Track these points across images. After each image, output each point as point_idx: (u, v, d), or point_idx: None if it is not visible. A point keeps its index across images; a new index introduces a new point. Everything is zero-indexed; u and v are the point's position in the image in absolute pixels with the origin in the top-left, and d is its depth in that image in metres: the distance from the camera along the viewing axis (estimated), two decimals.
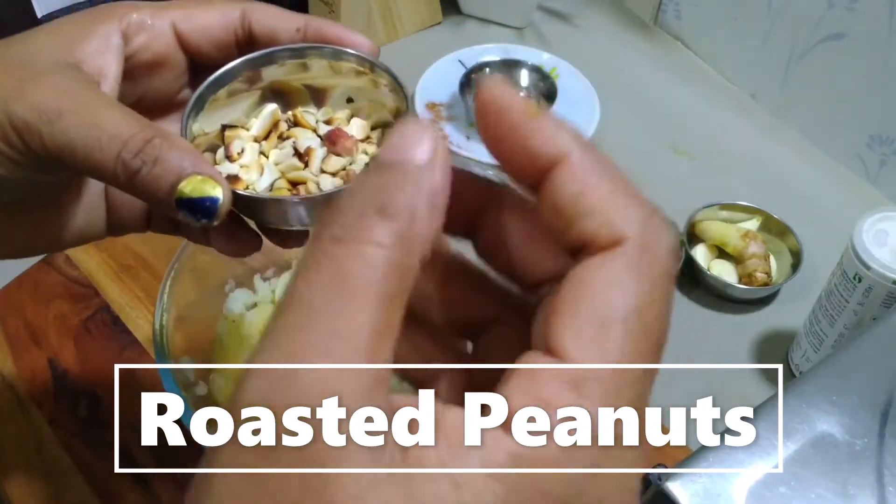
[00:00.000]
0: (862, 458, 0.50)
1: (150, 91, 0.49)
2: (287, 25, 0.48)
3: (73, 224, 0.50)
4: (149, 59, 0.47)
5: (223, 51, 0.48)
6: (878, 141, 1.05)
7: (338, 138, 0.50)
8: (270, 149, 0.50)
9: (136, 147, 0.39)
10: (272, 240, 0.48)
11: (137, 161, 0.40)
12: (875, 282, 0.74)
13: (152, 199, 0.41)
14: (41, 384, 0.85)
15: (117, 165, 0.40)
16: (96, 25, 0.45)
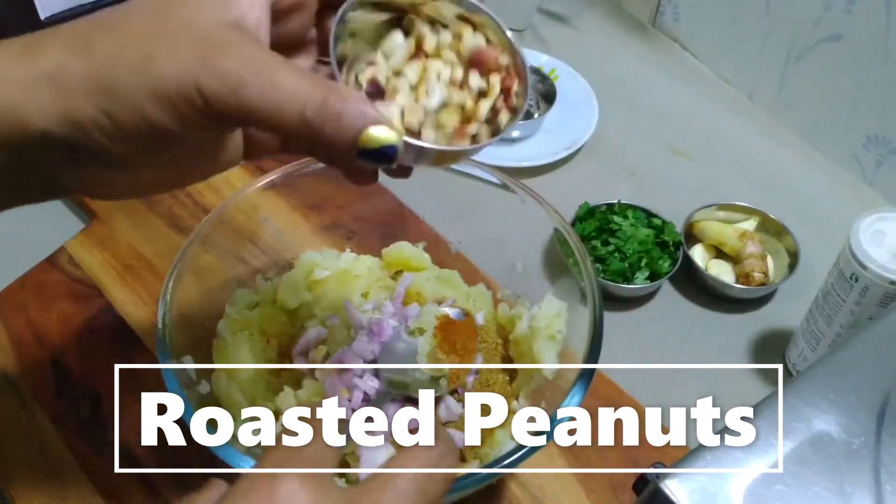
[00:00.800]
0: (859, 457, 0.50)
1: (285, 33, 0.51)
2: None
3: (220, 158, 0.52)
4: (290, 3, 0.50)
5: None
6: (875, 142, 1.05)
7: (484, 58, 0.53)
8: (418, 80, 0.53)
9: (316, 105, 0.43)
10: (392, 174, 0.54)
11: (319, 119, 0.43)
12: (872, 282, 0.74)
13: (332, 150, 0.45)
14: (44, 383, 0.85)
15: (300, 125, 0.43)
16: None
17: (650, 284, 0.94)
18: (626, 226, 0.96)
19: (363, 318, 0.79)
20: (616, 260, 0.94)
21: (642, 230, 0.97)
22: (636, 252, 0.95)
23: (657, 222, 0.99)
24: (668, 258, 0.95)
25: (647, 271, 0.94)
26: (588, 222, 0.97)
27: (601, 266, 0.94)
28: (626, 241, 0.95)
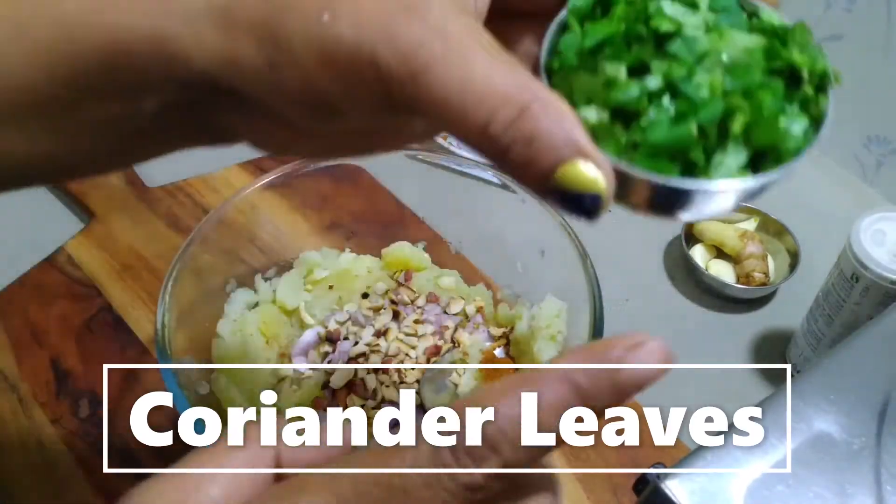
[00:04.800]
0: (860, 458, 0.50)
1: (510, 2, 0.41)
2: None
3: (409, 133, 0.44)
4: None
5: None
6: (876, 141, 1.05)
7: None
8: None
9: (508, 118, 0.32)
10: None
11: (507, 137, 0.33)
12: (872, 282, 0.74)
13: (519, 178, 0.35)
14: (43, 384, 0.85)
15: (483, 137, 0.33)
16: None
17: (756, 179, 0.36)
18: (694, 23, 0.38)
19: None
20: (664, 114, 0.36)
21: (736, 36, 0.38)
22: (722, 93, 0.36)
23: (770, 22, 0.39)
24: (803, 114, 0.38)
25: (746, 147, 0.36)
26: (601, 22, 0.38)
27: (625, 133, 0.36)
28: (697, 61, 0.37)
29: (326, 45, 0.34)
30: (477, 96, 0.32)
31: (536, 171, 0.33)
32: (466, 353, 0.77)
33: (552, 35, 0.39)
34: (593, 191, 0.33)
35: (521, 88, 0.32)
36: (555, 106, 0.33)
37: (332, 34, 0.33)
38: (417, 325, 0.81)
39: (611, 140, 0.36)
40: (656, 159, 0.35)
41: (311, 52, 0.34)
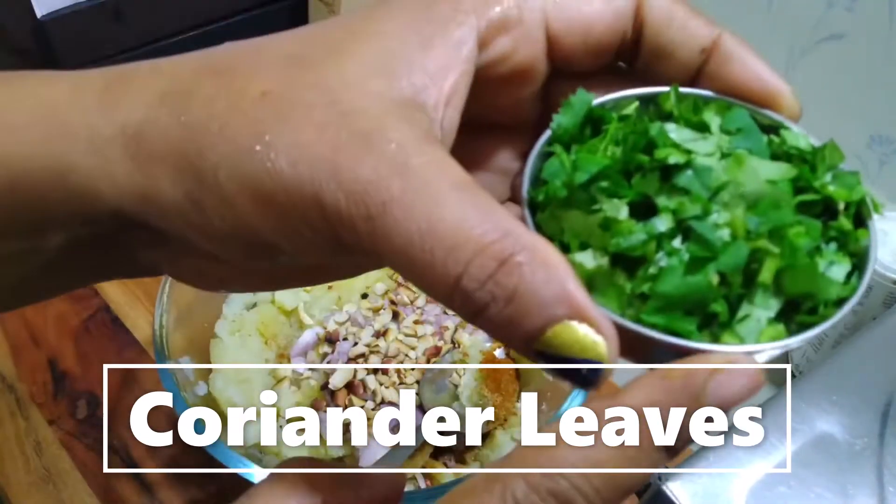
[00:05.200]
0: (862, 458, 0.50)
1: (485, 114, 0.36)
2: (692, 39, 0.34)
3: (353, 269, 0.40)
4: (504, 73, 0.33)
5: (596, 59, 0.34)
6: (878, 141, 1.05)
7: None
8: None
9: (486, 271, 0.27)
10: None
11: (484, 295, 0.27)
12: (875, 282, 0.74)
13: (500, 340, 0.31)
14: (41, 384, 0.85)
15: (454, 294, 0.27)
16: (445, 26, 0.31)
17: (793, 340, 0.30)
18: (707, 149, 0.32)
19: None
20: (677, 261, 0.30)
21: (756, 164, 0.32)
22: (746, 234, 0.30)
23: (796, 143, 0.34)
24: (842, 253, 0.32)
25: (777, 297, 0.30)
26: (591, 146, 0.33)
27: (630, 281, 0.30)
28: (712, 196, 0.31)
29: (260, 182, 0.28)
30: (446, 244, 0.27)
31: (521, 333, 0.27)
32: (466, 354, 0.77)
33: (535, 160, 0.33)
34: (591, 356, 0.27)
35: (500, 233, 0.27)
36: (542, 255, 0.27)
37: (266, 169, 0.28)
38: (417, 326, 0.81)
39: (612, 290, 0.30)
40: (669, 313, 0.29)
41: (241, 188, 0.29)
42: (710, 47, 0.33)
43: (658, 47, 0.34)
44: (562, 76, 0.35)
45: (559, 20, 0.33)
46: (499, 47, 0.32)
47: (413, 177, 0.27)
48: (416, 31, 0.30)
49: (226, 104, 0.29)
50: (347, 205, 0.27)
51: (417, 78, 0.30)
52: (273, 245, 0.30)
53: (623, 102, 0.34)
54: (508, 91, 0.34)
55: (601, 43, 0.34)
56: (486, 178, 0.37)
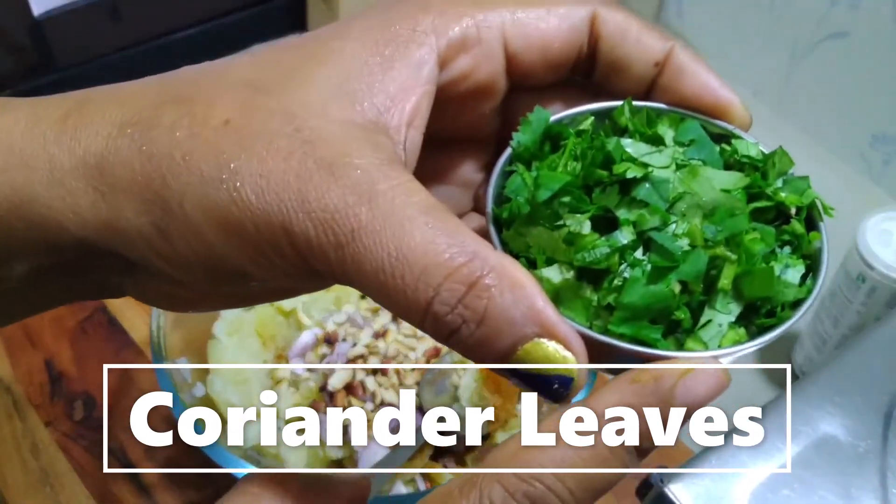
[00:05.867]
0: (865, 460, 0.49)
1: (448, 130, 0.36)
2: (645, 53, 0.35)
3: (318, 286, 0.40)
4: (465, 91, 0.34)
5: (555, 75, 0.35)
6: (882, 140, 1.04)
7: None
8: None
9: (455, 296, 0.27)
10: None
11: (455, 318, 0.27)
12: (879, 282, 0.73)
13: (472, 359, 0.29)
14: (38, 385, 0.85)
15: (426, 318, 0.28)
16: (405, 47, 0.31)
17: (753, 343, 0.32)
18: (663, 161, 0.34)
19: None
20: (640, 272, 0.31)
21: (710, 174, 0.33)
22: (704, 243, 0.32)
23: (747, 151, 0.35)
24: (796, 257, 0.34)
25: (737, 302, 0.32)
26: (551, 162, 0.34)
27: (596, 293, 0.32)
28: (672, 208, 0.33)
29: (227, 211, 0.29)
30: (416, 269, 0.27)
31: (493, 353, 0.28)
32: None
33: (498, 177, 0.34)
34: (562, 372, 0.28)
35: (467, 256, 0.27)
36: (510, 274, 0.28)
37: (233, 198, 0.28)
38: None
39: (579, 302, 0.31)
40: (635, 322, 0.30)
41: (207, 217, 0.29)
42: (662, 61, 0.35)
43: (613, 61, 0.35)
44: (520, 90, 0.35)
45: (517, 37, 0.33)
46: (459, 66, 0.33)
47: (380, 203, 0.28)
48: (376, 52, 0.31)
49: (188, 133, 0.29)
50: (317, 234, 0.28)
51: (379, 100, 0.30)
52: (241, 272, 0.30)
53: (579, 118, 0.35)
54: (469, 107, 0.35)
55: (558, 58, 0.34)
56: (448, 190, 0.38)
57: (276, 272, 0.30)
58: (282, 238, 0.28)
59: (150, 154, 0.29)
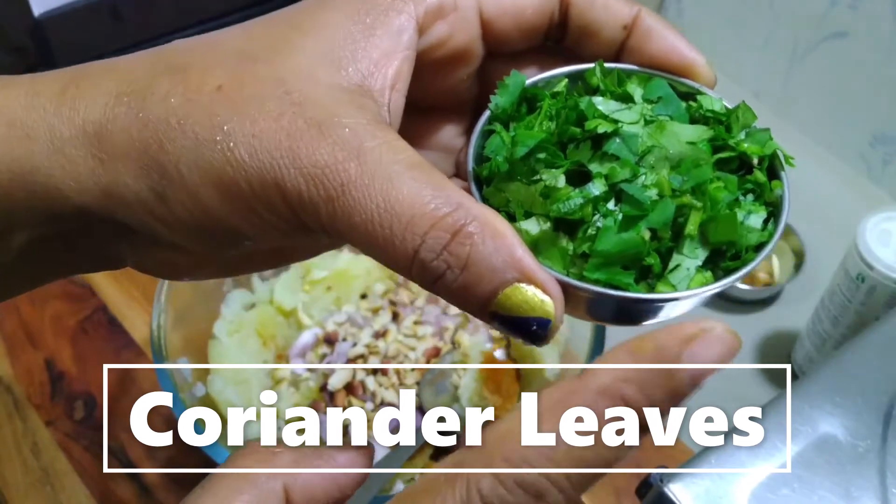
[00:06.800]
0: (865, 460, 0.49)
1: (428, 96, 0.38)
2: (613, 17, 0.36)
3: (317, 248, 0.42)
4: (443, 56, 0.35)
5: (528, 39, 0.37)
6: (882, 140, 1.04)
7: None
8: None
9: (440, 243, 0.29)
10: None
11: (440, 264, 0.29)
12: (878, 282, 0.73)
13: (456, 304, 0.31)
14: (38, 385, 0.85)
15: (413, 265, 0.29)
16: (386, 15, 0.33)
17: (718, 284, 0.33)
18: (632, 117, 0.35)
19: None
20: (612, 221, 0.33)
21: (677, 128, 0.35)
22: (671, 192, 0.34)
23: (711, 106, 0.37)
24: (759, 204, 0.36)
25: (704, 247, 0.34)
26: (528, 122, 0.36)
27: (572, 242, 0.33)
28: (639, 160, 0.34)
29: (222, 171, 0.30)
30: (403, 219, 0.29)
31: (475, 297, 0.30)
32: (466, 355, 0.77)
33: (477, 138, 0.36)
34: (540, 314, 0.30)
35: (452, 207, 0.29)
36: (491, 224, 0.29)
37: (228, 158, 0.30)
38: (417, 327, 0.80)
39: (556, 252, 0.33)
40: (608, 269, 0.32)
41: (203, 178, 0.30)
42: (630, 24, 0.36)
43: (583, 26, 0.37)
44: (496, 57, 0.37)
45: (492, 5, 0.35)
46: (437, 32, 0.34)
47: (368, 159, 0.29)
48: (358, 21, 0.33)
49: (182, 99, 0.31)
50: (308, 188, 0.29)
51: (363, 65, 0.32)
52: (236, 231, 0.32)
53: (554, 80, 0.37)
54: (448, 73, 0.37)
55: (531, 25, 0.36)
56: (431, 156, 0.39)
57: (270, 230, 0.31)
58: (274, 194, 0.30)
59: (147, 120, 0.31)
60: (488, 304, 0.30)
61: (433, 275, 0.29)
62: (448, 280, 0.29)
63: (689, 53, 0.37)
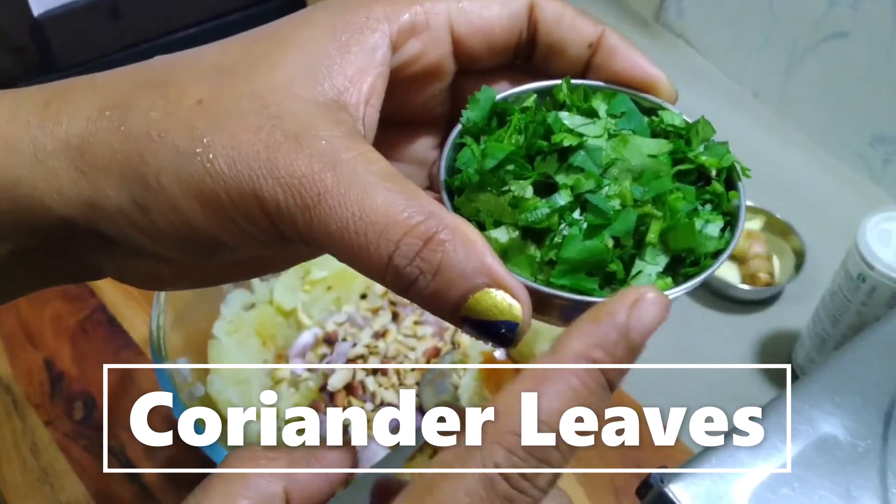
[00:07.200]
0: (865, 460, 0.49)
1: (402, 111, 0.39)
2: (579, 36, 0.38)
3: (296, 259, 0.43)
4: (415, 72, 0.37)
5: (497, 57, 0.38)
6: (882, 140, 1.04)
7: None
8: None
9: (413, 249, 0.30)
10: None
11: (413, 270, 0.30)
12: (879, 282, 0.73)
13: (428, 309, 0.32)
14: (37, 385, 0.84)
15: (387, 272, 0.31)
16: (360, 33, 0.34)
17: (677, 289, 0.35)
18: (596, 131, 0.37)
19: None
20: (577, 230, 0.35)
21: (639, 141, 0.37)
22: (633, 202, 0.36)
23: (671, 121, 0.39)
24: (717, 213, 0.37)
25: (664, 254, 0.35)
26: (499, 135, 0.38)
27: (539, 250, 0.35)
28: (603, 172, 0.36)
29: (202, 182, 0.31)
30: (377, 227, 0.30)
31: (446, 301, 0.31)
32: (466, 355, 0.77)
33: (449, 151, 0.37)
34: (508, 318, 0.31)
35: (424, 215, 0.31)
36: (462, 232, 0.31)
37: (207, 170, 0.31)
38: (417, 327, 0.80)
39: (524, 259, 0.35)
40: (574, 275, 0.34)
41: (184, 190, 0.32)
42: (595, 42, 0.38)
43: (551, 44, 0.38)
44: (468, 74, 0.39)
45: (462, 24, 0.37)
46: (410, 49, 0.36)
47: (344, 170, 0.31)
48: (334, 38, 0.34)
49: (163, 113, 0.32)
50: (286, 198, 0.31)
51: (338, 81, 0.33)
52: (217, 241, 0.33)
53: (523, 96, 0.39)
54: (421, 88, 0.38)
55: (501, 43, 0.38)
56: (405, 168, 0.41)
57: (249, 239, 0.33)
58: (253, 204, 0.31)
59: (128, 133, 0.32)
60: (459, 308, 0.31)
61: (406, 280, 0.31)
62: (420, 285, 0.31)
63: (651, 70, 0.39)
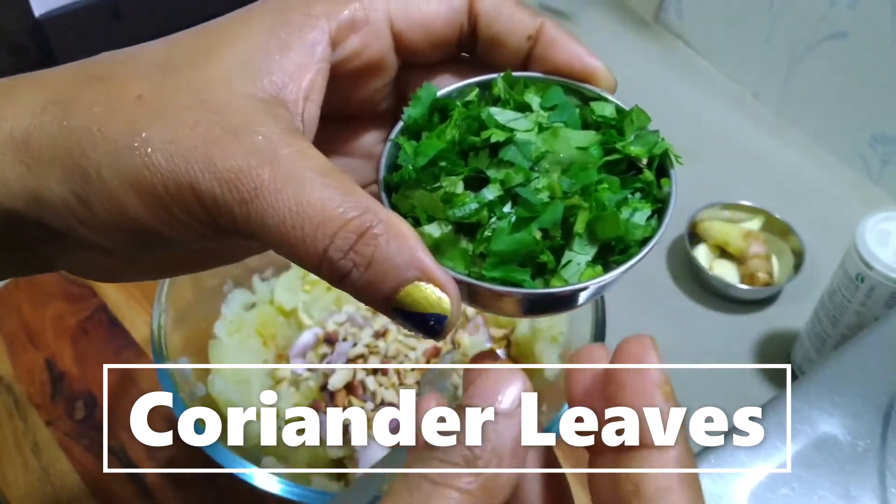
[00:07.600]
0: (864, 460, 0.49)
1: (347, 106, 0.40)
2: (519, 28, 0.39)
3: (241, 253, 0.44)
4: (357, 68, 0.38)
5: (440, 51, 0.39)
6: (881, 140, 1.04)
7: None
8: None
9: (347, 243, 0.31)
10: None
11: (347, 262, 0.31)
12: (878, 282, 0.73)
13: (361, 300, 0.33)
14: (39, 385, 0.84)
15: (322, 264, 0.32)
16: (300, 30, 0.35)
17: (606, 276, 0.35)
18: (526, 125, 0.38)
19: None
20: (506, 223, 0.35)
21: (569, 134, 0.38)
22: (561, 194, 0.36)
23: (602, 112, 0.39)
24: (646, 201, 0.37)
25: (593, 244, 0.36)
26: (435, 133, 0.38)
27: (471, 244, 0.36)
28: (533, 165, 0.37)
29: (140, 175, 0.32)
30: (314, 221, 0.31)
31: (378, 293, 0.32)
32: (466, 355, 0.77)
33: (390, 148, 0.38)
34: (437, 311, 0.32)
35: (359, 211, 0.31)
36: (394, 227, 0.32)
37: (145, 163, 0.32)
38: None
39: (457, 253, 0.35)
40: (505, 267, 0.34)
41: (123, 183, 0.32)
42: (535, 34, 0.38)
43: (491, 37, 0.39)
44: (413, 68, 0.39)
45: (402, 19, 0.37)
46: (350, 45, 0.36)
47: (281, 165, 0.31)
48: (274, 35, 0.35)
49: (104, 108, 0.33)
50: (222, 192, 0.31)
51: (278, 77, 0.34)
52: (157, 233, 0.34)
53: (466, 90, 0.39)
54: (364, 83, 0.39)
55: (441, 37, 0.38)
56: (352, 163, 0.42)
57: (188, 231, 0.33)
58: (190, 197, 0.32)
59: (71, 129, 0.33)
60: (390, 300, 0.32)
61: (340, 272, 0.32)
62: (354, 277, 0.32)
63: (589, 60, 0.39)
